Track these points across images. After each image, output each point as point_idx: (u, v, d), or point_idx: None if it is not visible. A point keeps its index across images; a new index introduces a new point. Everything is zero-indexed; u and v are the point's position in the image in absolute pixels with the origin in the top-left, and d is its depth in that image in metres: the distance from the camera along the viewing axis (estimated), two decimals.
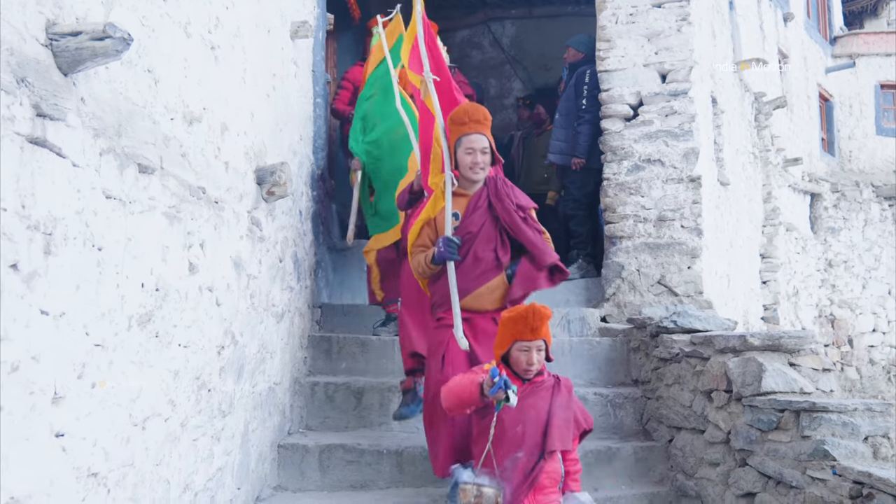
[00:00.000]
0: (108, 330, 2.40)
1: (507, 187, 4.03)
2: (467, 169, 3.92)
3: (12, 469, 1.92)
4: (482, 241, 3.92)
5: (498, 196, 3.96)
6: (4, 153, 1.88)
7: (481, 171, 3.93)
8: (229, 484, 3.67)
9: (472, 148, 3.89)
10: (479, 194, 3.98)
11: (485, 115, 3.95)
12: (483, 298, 3.92)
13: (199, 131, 3.19)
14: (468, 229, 3.90)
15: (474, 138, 3.89)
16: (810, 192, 12.78)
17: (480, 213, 3.94)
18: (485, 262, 3.91)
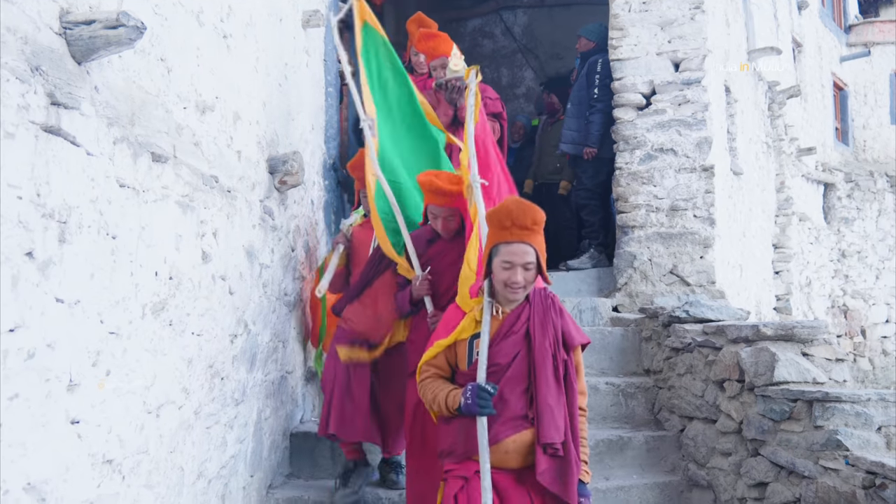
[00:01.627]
0: (123, 318, 2.42)
1: (556, 312, 3.07)
2: (502, 286, 2.94)
3: (30, 455, 1.94)
4: (512, 380, 2.95)
5: (543, 325, 3.02)
6: (19, 141, 1.89)
7: (521, 291, 2.96)
8: (242, 471, 3.70)
9: (510, 262, 2.89)
10: (517, 316, 3.01)
11: (535, 218, 2.93)
12: (508, 454, 2.93)
13: (212, 120, 3.19)
14: (495, 360, 2.95)
15: (516, 249, 2.89)
16: (824, 182, 12.69)
17: (514, 341, 2.99)
18: (512, 406, 2.92)
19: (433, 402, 3.01)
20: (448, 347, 3.06)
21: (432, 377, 3.06)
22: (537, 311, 3.03)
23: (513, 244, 2.89)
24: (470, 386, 2.87)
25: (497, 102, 5.46)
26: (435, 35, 5.42)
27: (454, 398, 2.91)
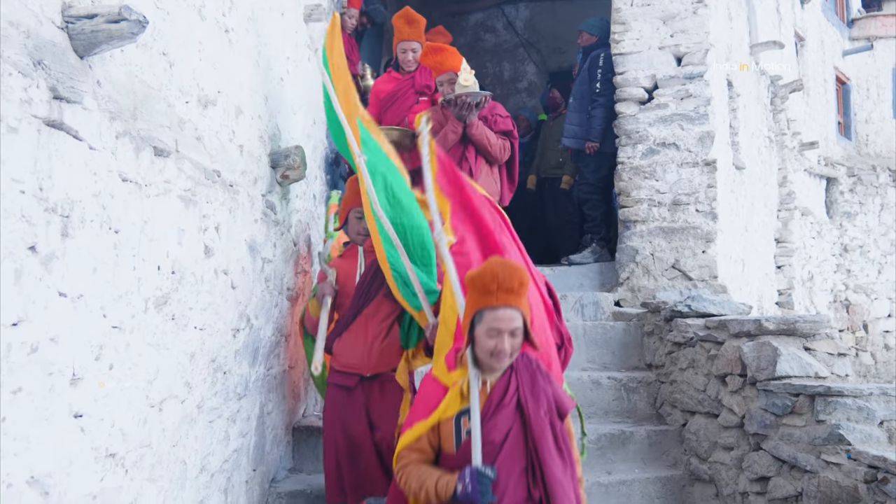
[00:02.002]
0: (125, 312, 2.42)
1: (544, 377, 2.83)
2: (487, 355, 2.68)
3: (33, 448, 1.94)
4: (509, 459, 2.67)
5: (534, 393, 2.77)
6: (22, 136, 1.89)
7: (507, 360, 2.71)
8: (245, 465, 3.70)
9: (497, 329, 2.65)
10: (505, 386, 2.75)
11: (521, 279, 2.69)
12: None
13: (214, 114, 3.19)
14: (488, 437, 2.67)
15: (503, 315, 2.65)
16: (826, 177, 12.67)
17: (506, 415, 2.72)
18: (512, 490, 2.65)
19: (420, 491, 2.67)
20: (431, 429, 2.73)
21: (415, 463, 2.73)
22: (524, 378, 2.78)
23: (499, 310, 2.64)
24: (467, 470, 2.57)
25: (507, 121, 5.21)
26: (442, 49, 5.20)
27: (446, 486, 2.60)
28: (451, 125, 4.99)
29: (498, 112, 5.22)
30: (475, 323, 2.69)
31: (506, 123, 5.19)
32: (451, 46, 5.26)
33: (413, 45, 5.60)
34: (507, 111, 5.36)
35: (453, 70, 5.02)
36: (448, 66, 5.07)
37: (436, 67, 5.16)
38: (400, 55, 5.67)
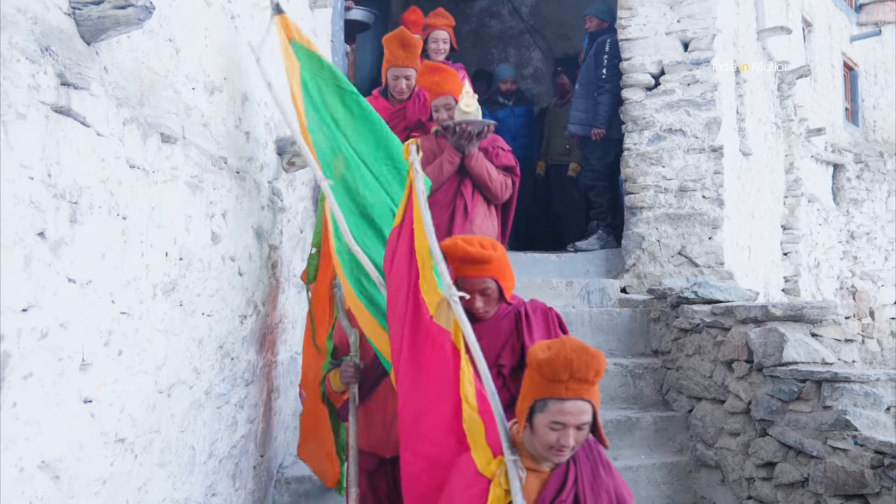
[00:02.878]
0: (134, 298, 2.43)
1: (605, 468, 2.60)
2: (547, 448, 2.39)
3: (44, 433, 1.96)
4: None
5: (595, 489, 2.51)
6: (30, 122, 1.90)
7: (568, 454, 2.43)
8: (252, 451, 3.72)
9: (562, 423, 2.35)
10: (561, 478, 2.49)
11: (598, 369, 2.38)
12: None
13: (220, 101, 3.19)
14: None
15: (572, 408, 2.35)
16: (833, 163, 12.62)
17: None
18: None
19: None
20: None
21: None
22: (585, 471, 2.50)
23: (567, 402, 2.33)
24: None
25: (510, 155, 4.71)
26: (440, 69, 4.64)
27: None
28: (447, 155, 4.47)
29: (500, 145, 4.70)
30: (535, 410, 2.38)
31: (508, 158, 4.67)
32: (450, 68, 4.75)
33: (407, 71, 4.96)
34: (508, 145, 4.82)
35: (453, 94, 4.47)
36: (447, 88, 4.52)
37: (433, 89, 4.59)
38: (391, 82, 5.02)
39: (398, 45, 4.96)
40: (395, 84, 5.02)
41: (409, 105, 5.01)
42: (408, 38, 4.98)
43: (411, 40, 4.98)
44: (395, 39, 4.98)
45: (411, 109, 5.00)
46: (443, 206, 4.46)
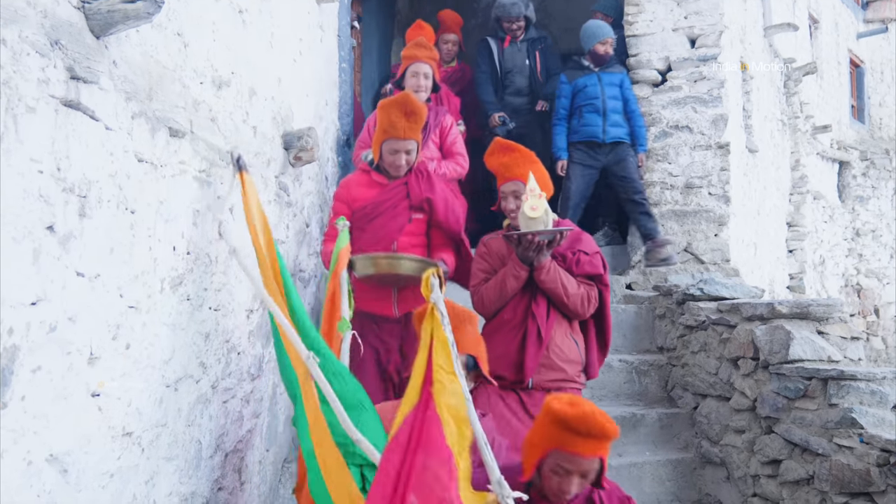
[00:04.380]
0: (142, 292, 2.43)
1: None
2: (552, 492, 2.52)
3: (52, 426, 1.96)
4: None
5: None
6: (40, 115, 1.90)
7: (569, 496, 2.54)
8: (258, 446, 3.73)
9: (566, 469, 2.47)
10: None
11: (613, 435, 2.44)
12: None
13: (228, 95, 3.19)
14: None
15: (580, 461, 2.47)
16: (839, 160, 12.59)
17: None
18: None
19: None
20: None
21: None
22: None
23: (576, 458, 2.42)
24: None
25: (596, 259, 3.71)
26: (512, 148, 3.73)
27: None
28: (511, 268, 3.55)
29: (582, 247, 3.69)
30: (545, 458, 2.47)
31: (593, 264, 3.65)
32: (523, 147, 3.76)
33: (409, 144, 3.91)
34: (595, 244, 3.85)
35: (522, 180, 3.57)
36: (517, 172, 3.65)
37: (500, 173, 3.73)
38: (388, 156, 3.93)
39: (401, 113, 3.85)
40: (393, 159, 3.93)
41: (411, 181, 4.00)
42: (414, 105, 3.87)
43: (417, 108, 3.88)
44: (397, 107, 3.86)
45: (414, 186, 4.00)
46: (511, 329, 3.59)
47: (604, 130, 5.96)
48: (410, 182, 3.98)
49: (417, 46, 4.97)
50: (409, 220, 3.94)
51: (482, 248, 3.75)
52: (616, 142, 5.98)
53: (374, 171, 4.03)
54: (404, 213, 3.95)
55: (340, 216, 3.76)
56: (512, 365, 3.53)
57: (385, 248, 3.85)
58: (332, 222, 3.85)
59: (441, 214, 3.96)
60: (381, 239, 3.90)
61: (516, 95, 6.64)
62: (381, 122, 3.86)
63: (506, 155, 3.68)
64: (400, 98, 3.84)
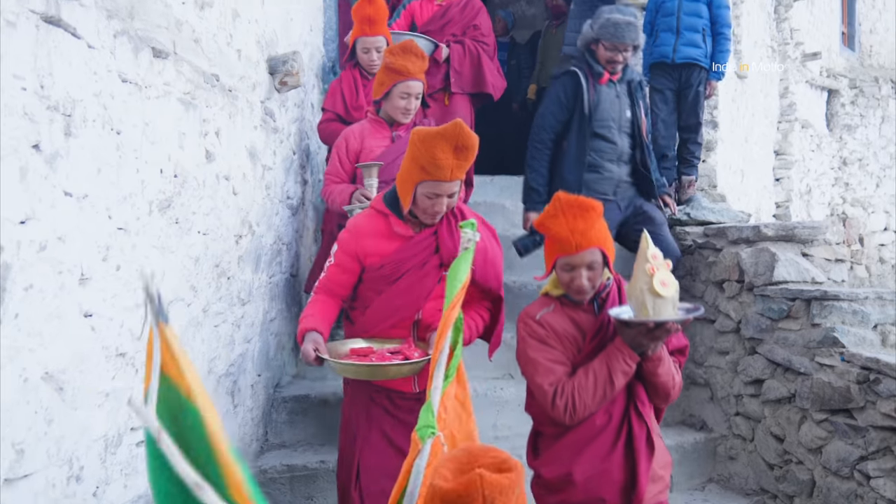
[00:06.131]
0: (130, 214, 2.42)
1: None
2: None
3: (47, 345, 1.98)
4: None
5: None
6: (21, 31, 1.86)
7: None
8: (250, 370, 3.78)
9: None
10: None
11: None
12: None
13: (211, 16, 3.13)
14: None
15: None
16: (828, 88, 12.52)
17: None
18: None
19: None
20: None
21: None
22: None
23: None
24: None
25: (681, 334, 2.84)
26: (588, 207, 2.64)
27: None
28: (617, 359, 2.57)
29: None
30: None
31: (680, 336, 2.85)
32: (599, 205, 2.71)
33: (454, 186, 2.88)
34: None
35: (601, 246, 2.62)
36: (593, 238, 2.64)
37: (566, 238, 2.61)
38: (424, 201, 2.86)
39: (449, 148, 2.76)
40: (432, 205, 2.87)
41: (442, 232, 2.99)
42: (465, 137, 2.78)
43: (469, 141, 2.80)
44: (443, 139, 2.76)
45: (447, 240, 2.99)
46: (607, 437, 2.67)
47: (674, 49, 5.42)
48: (442, 233, 2.96)
49: (406, 55, 3.80)
50: (438, 281, 2.95)
51: (538, 328, 2.66)
52: (688, 63, 5.42)
53: (394, 214, 2.96)
54: (433, 272, 2.96)
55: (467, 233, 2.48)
56: (617, 486, 2.62)
57: (407, 317, 2.96)
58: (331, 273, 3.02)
59: (479, 273, 2.88)
60: (402, 307, 2.96)
61: (615, 162, 4.52)
62: (418, 156, 2.77)
63: (580, 219, 2.58)
64: (449, 130, 2.74)
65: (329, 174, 4.07)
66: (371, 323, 2.99)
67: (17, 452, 1.88)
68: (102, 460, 2.32)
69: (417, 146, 2.77)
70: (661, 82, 5.48)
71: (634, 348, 2.56)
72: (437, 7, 5.47)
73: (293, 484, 3.86)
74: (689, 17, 5.42)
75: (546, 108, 4.53)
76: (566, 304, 2.69)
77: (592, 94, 4.43)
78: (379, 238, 2.95)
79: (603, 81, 4.45)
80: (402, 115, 3.93)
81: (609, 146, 4.46)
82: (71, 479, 2.15)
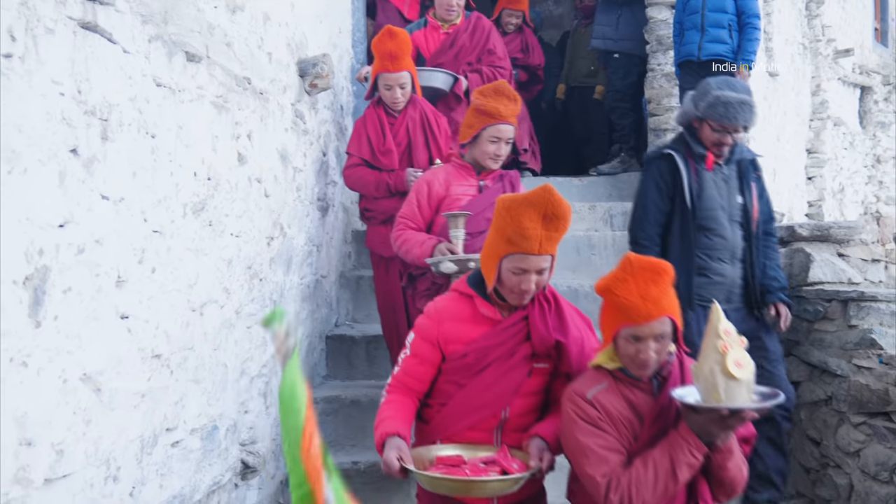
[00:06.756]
0: (165, 217, 2.45)
1: None
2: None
3: (85, 346, 2.00)
4: None
5: None
6: (59, 37, 1.88)
7: None
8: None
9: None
10: None
11: None
12: None
13: (242, 20, 3.15)
14: None
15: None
16: (860, 85, 12.35)
17: None
18: None
19: None
20: None
21: None
22: None
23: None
24: None
25: None
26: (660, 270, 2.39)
27: None
28: (686, 444, 2.25)
29: None
30: None
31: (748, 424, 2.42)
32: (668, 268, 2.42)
33: (544, 262, 2.46)
34: None
35: (670, 314, 2.32)
36: (666, 307, 2.34)
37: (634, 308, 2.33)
38: (511, 278, 2.46)
39: (538, 217, 2.43)
40: (519, 282, 2.46)
41: (534, 317, 2.55)
42: (557, 206, 2.46)
43: (562, 210, 2.47)
44: (532, 207, 2.42)
45: (540, 326, 2.55)
46: None
47: (700, 47, 5.31)
48: (533, 318, 2.56)
49: (498, 96, 3.52)
50: (528, 374, 2.57)
51: (590, 409, 2.34)
52: (714, 59, 5.27)
53: (479, 296, 2.56)
54: (523, 364, 2.54)
55: None
56: None
57: (489, 416, 2.53)
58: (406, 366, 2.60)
59: (574, 365, 2.55)
60: (486, 404, 2.52)
61: (728, 261, 3.73)
62: (503, 227, 2.43)
63: (652, 284, 2.30)
64: (538, 196, 2.40)
65: (404, 217, 3.62)
66: (449, 422, 2.55)
67: (57, 453, 1.90)
68: (138, 460, 2.34)
69: (502, 215, 2.45)
70: (689, 81, 5.39)
71: (702, 437, 2.23)
72: (444, 35, 5.06)
73: None
74: (713, 14, 5.31)
75: (644, 197, 3.78)
76: (621, 381, 2.35)
77: (694, 180, 3.70)
78: (463, 322, 2.56)
79: (709, 166, 3.72)
80: (492, 160, 3.55)
81: (719, 241, 3.68)
82: (108, 479, 2.17)
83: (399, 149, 4.20)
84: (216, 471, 2.96)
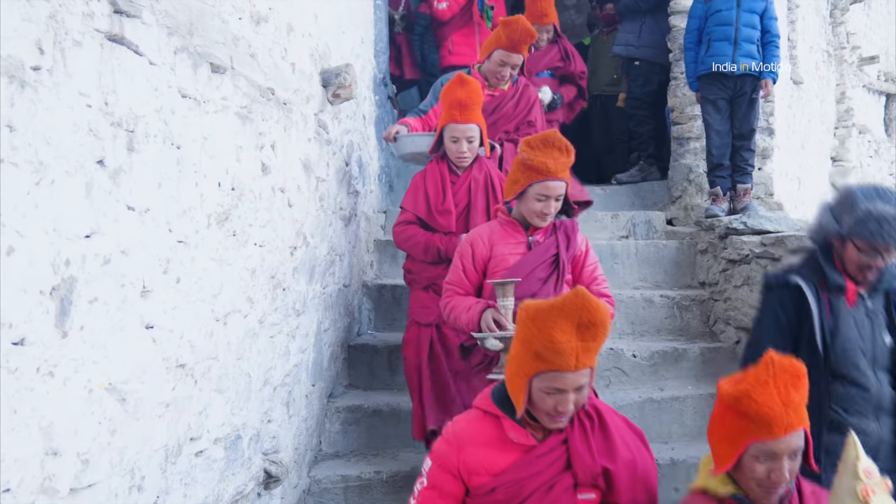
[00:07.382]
0: (190, 227, 2.46)
1: None
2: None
3: (110, 356, 2.01)
4: None
5: None
6: (87, 50, 1.90)
7: None
8: (304, 380, 3.80)
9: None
10: None
11: None
12: None
13: (266, 31, 3.17)
14: None
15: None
16: (886, 93, 12.24)
17: None
18: None
19: None
20: None
21: None
22: None
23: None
24: None
25: None
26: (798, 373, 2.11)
27: None
28: None
29: None
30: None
31: None
32: None
33: (582, 378, 2.15)
34: None
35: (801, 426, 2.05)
36: (797, 419, 2.10)
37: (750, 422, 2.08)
38: (546, 400, 2.18)
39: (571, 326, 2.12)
40: (556, 403, 2.11)
41: (575, 440, 2.22)
42: (593, 311, 2.25)
43: (600, 317, 2.27)
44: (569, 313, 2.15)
45: (583, 452, 2.22)
46: None
47: (733, 60, 5.29)
48: (574, 441, 2.21)
49: (547, 149, 3.25)
50: None
51: None
52: (747, 74, 5.33)
53: (507, 416, 2.22)
54: (565, 498, 2.18)
55: None
56: None
57: None
58: None
59: (625, 495, 2.21)
60: None
61: (871, 416, 2.98)
62: (530, 340, 2.10)
63: (793, 389, 2.02)
64: (569, 302, 2.09)
65: (451, 284, 3.40)
66: None
67: (83, 462, 1.91)
68: (163, 470, 2.35)
69: (528, 326, 2.08)
70: (714, 92, 5.38)
71: None
72: (488, 97, 4.54)
73: (347, 494, 3.87)
74: (746, 29, 5.31)
75: (761, 333, 3.11)
76: None
77: (828, 318, 2.98)
78: (488, 448, 2.18)
79: (851, 301, 3.00)
80: (539, 219, 3.25)
81: (859, 393, 2.96)
82: (133, 489, 2.18)
83: (457, 209, 3.94)
84: (239, 480, 2.97)
